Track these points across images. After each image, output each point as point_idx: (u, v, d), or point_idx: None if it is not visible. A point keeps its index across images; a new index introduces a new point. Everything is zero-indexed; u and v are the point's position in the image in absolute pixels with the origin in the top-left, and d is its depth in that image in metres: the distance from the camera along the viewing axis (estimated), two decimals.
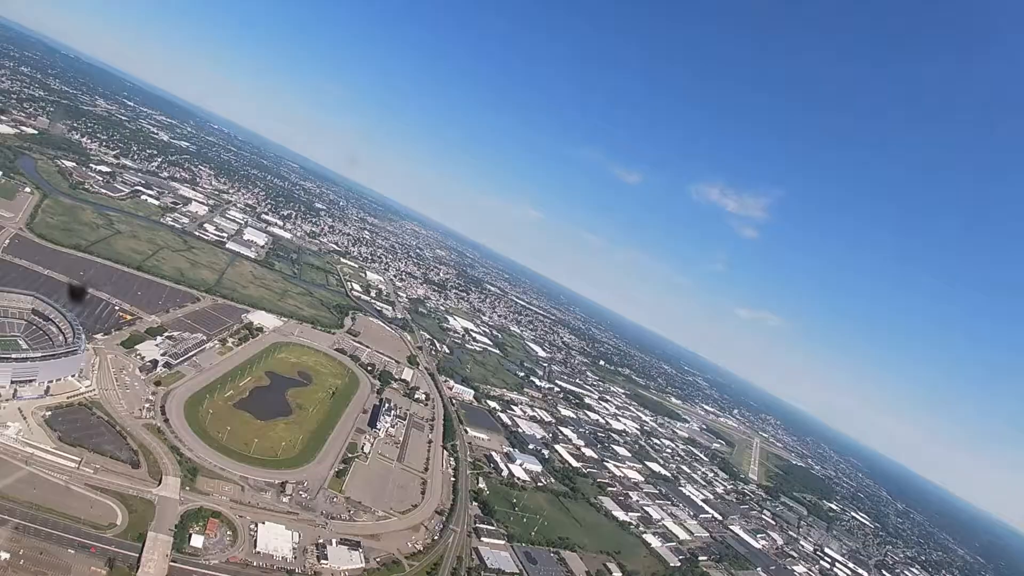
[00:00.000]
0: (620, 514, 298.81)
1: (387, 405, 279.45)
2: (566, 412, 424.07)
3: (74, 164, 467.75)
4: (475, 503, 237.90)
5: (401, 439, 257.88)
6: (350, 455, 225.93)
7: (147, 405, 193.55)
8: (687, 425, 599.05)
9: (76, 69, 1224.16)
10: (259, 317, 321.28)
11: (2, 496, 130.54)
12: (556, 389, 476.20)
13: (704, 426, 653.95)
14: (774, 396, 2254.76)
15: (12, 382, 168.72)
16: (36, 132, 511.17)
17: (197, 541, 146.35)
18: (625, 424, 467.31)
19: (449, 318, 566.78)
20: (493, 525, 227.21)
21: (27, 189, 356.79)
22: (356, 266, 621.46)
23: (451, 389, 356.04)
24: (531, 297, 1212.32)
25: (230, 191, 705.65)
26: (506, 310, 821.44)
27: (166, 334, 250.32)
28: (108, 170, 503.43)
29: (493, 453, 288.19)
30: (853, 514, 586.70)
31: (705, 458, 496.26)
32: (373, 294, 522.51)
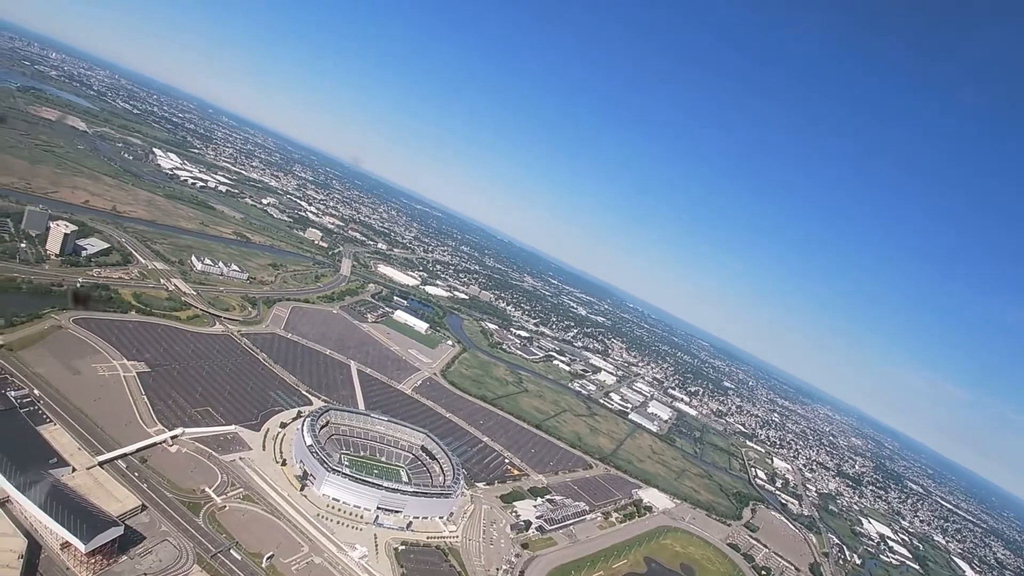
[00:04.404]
0: None
1: None
2: None
3: (496, 327, 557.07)
4: None
5: None
6: None
7: (506, 567, 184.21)
8: None
9: (509, 251, 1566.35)
10: (650, 495, 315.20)
11: None
12: None
13: None
14: None
15: (378, 508, 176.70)
16: (466, 297, 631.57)
17: None
18: None
19: (863, 520, 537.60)
20: None
21: (449, 342, 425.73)
22: (762, 451, 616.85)
23: None
24: (958, 498, 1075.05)
25: (639, 364, 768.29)
26: (929, 514, 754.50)
27: (548, 496, 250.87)
28: (526, 335, 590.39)
29: None
30: None
31: None
32: (779, 484, 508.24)
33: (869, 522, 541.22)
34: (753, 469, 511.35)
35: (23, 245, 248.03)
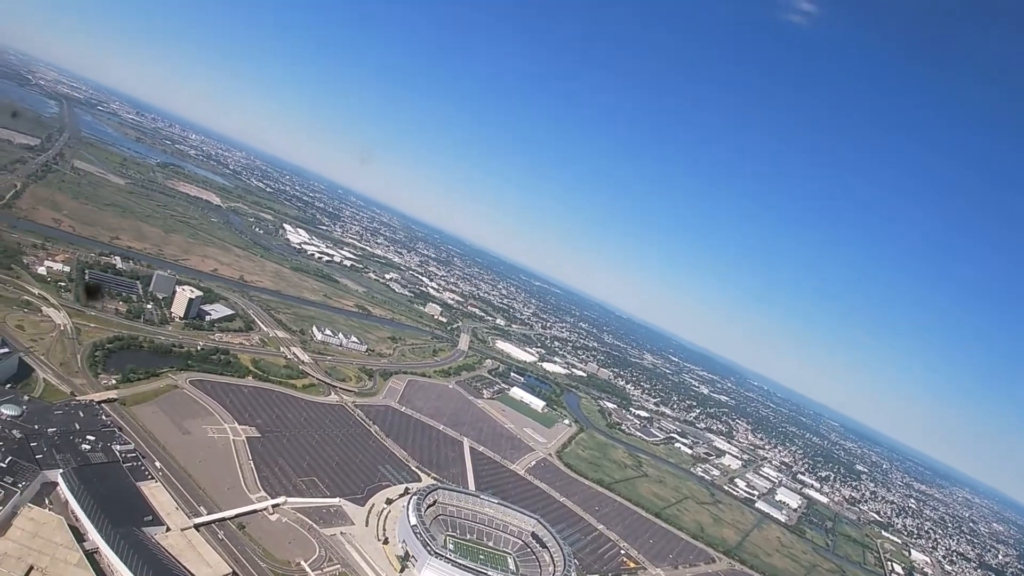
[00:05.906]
0: None
1: None
2: None
3: (615, 406, 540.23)
4: None
5: None
6: None
7: None
8: None
9: (628, 328, 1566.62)
10: None
11: None
12: None
13: None
14: None
15: None
16: (584, 375, 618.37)
17: None
18: None
19: None
20: None
21: (566, 421, 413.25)
22: (899, 542, 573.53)
23: None
24: None
25: (765, 447, 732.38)
26: None
27: None
28: (646, 415, 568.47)
29: None
30: None
31: None
32: None
33: None
34: (889, 563, 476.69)
35: (149, 306, 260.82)
